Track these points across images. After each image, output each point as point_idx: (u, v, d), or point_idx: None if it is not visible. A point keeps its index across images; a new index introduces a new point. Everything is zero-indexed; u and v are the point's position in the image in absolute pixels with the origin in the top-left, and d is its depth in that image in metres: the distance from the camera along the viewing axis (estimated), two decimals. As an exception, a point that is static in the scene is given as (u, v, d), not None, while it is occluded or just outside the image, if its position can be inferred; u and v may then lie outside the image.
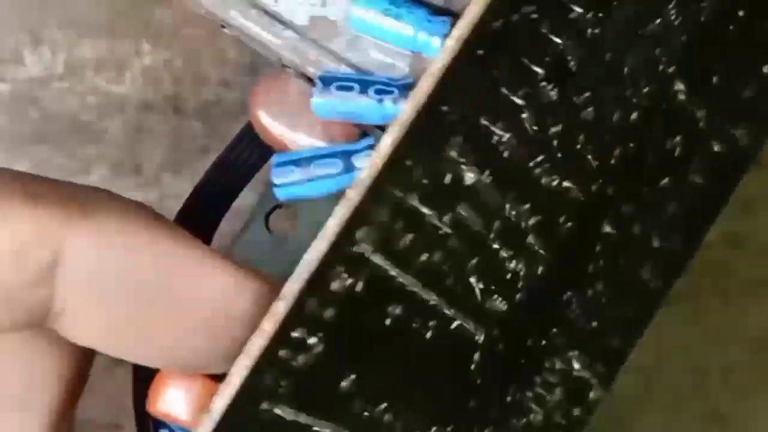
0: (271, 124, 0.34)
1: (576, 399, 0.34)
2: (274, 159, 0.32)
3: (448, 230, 0.30)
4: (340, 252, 0.28)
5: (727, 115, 0.34)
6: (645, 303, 0.34)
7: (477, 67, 0.29)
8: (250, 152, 0.38)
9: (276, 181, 0.32)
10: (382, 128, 0.32)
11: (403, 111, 0.29)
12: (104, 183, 0.56)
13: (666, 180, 0.33)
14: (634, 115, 0.32)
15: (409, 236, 0.29)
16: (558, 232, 0.32)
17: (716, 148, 0.34)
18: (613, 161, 0.32)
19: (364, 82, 0.31)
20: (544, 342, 0.32)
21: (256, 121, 0.34)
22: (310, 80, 0.34)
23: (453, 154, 0.30)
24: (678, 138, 0.33)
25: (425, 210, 0.30)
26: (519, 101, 0.30)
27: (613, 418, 0.51)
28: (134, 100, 0.57)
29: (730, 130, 0.34)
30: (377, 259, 0.29)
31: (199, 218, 0.38)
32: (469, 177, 0.30)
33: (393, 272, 0.29)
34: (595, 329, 0.33)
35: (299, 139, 0.33)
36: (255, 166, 0.38)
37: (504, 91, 0.30)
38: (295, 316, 0.28)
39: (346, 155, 0.31)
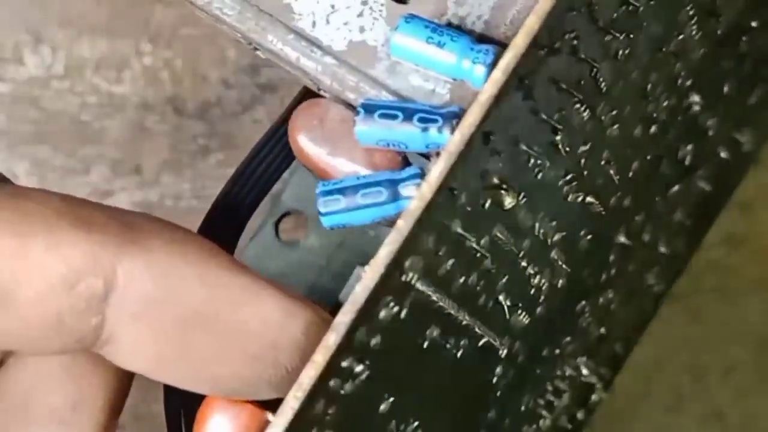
0: (311, 149, 0.33)
1: (581, 402, 0.35)
2: (319, 187, 0.32)
3: (485, 253, 0.31)
4: (389, 282, 0.29)
5: (734, 122, 0.34)
6: (647, 306, 0.35)
7: (520, 93, 0.30)
8: (269, 163, 0.38)
9: (322, 209, 0.31)
10: (424, 155, 0.32)
11: (451, 140, 0.29)
12: (104, 183, 0.56)
13: (676, 188, 0.34)
14: (653, 129, 0.33)
15: (450, 261, 0.30)
16: (579, 245, 0.32)
17: (723, 155, 0.35)
18: (630, 174, 0.33)
19: (407, 110, 0.31)
20: (557, 351, 0.33)
21: (296, 145, 0.33)
22: (349, 106, 0.33)
23: (495, 180, 0.31)
24: (689, 147, 0.34)
25: (466, 235, 0.30)
26: (555, 124, 0.31)
27: (613, 417, 0.51)
28: (134, 100, 0.57)
29: (735, 136, 0.35)
30: (421, 286, 0.30)
31: (221, 229, 0.38)
32: (509, 201, 0.31)
33: (434, 297, 0.30)
34: (602, 335, 0.33)
35: (339, 164, 0.33)
36: (275, 177, 0.38)
37: (542, 115, 0.31)
38: (345, 346, 0.28)
39: (392, 184, 0.31)
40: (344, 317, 0.28)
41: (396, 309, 0.29)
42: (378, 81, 0.33)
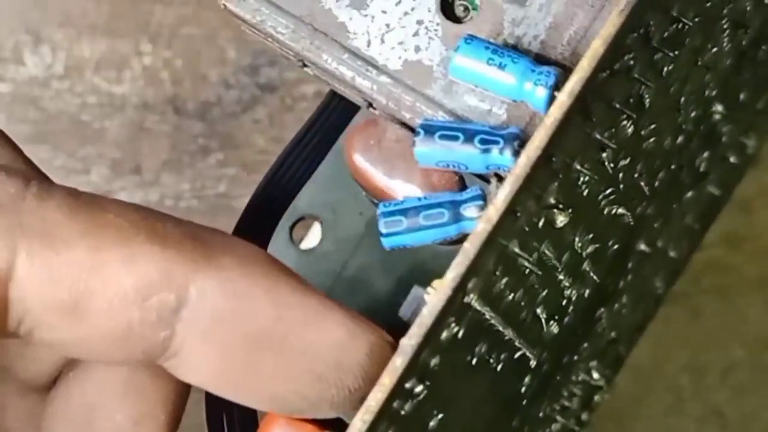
0: (369, 169, 0.33)
1: (587, 404, 0.35)
2: (380, 208, 0.32)
3: (534, 269, 0.31)
4: (453, 304, 0.29)
5: (744, 127, 0.35)
6: (650, 308, 0.35)
7: (581, 116, 0.30)
8: (297, 168, 0.38)
9: (383, 230, 0.31)
10: (482, 176, 0.32)
11: (517, 164, 0.29)
12: (104, 183, 0.56)
13: (689, 194, 0.34)
14: (680, 139, 0.33)
15: (504, 280, 0.31)
16: (607, 255, 0.33)
17: (732, 160, 0.35)
18: (656, 184, 0.33)
19: (467, 131, 0.31)
20: (576, 357, 0.33)
21: (352, 165, 0.33)
22: (404, 125, 0.33)
23: (551, 200, 0.31)
24: (706, 154, 0.34)
25: (521, 254, 0.31)
26: (606, 141, 0.32)
27: (613, 417, 0.51)
28: (134, 100, 0.57)
29: (743, 140, 0.35)
30: (478, 305, 0.30)
31: (252, 234, 0.38)
32: (560, 220, 0.31)
33: (487, 315, 0.31)
34: (612, 339, 0.34)
35: (397, 185, 0.33)
36: (302, 182, 0.38)
37: (596, 134, 0.31)
38: (411, 368, 0.29)
39: (454, 205, 0.31)
40: (411, 340, 0.29)
41: (455, 329, 0.30)
42: (434, 101, 0.33)
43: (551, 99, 0.31)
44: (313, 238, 0.39)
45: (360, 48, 0.33)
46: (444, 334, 0.29)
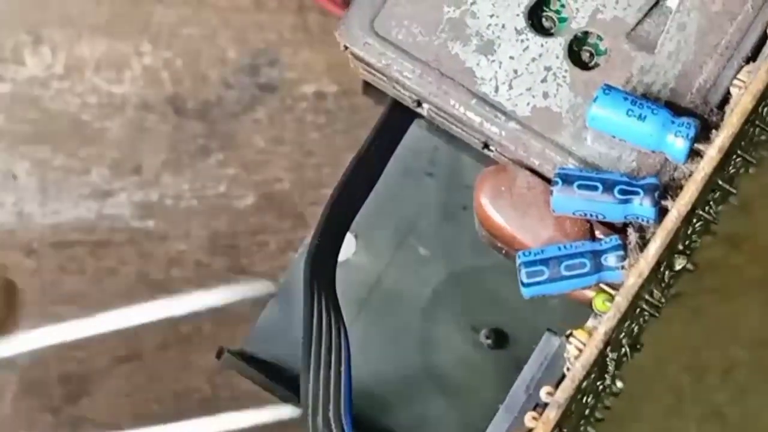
0: (499, 216, 0.33)
1: (604, 408, 0.36)
2: (520, 257, 0.32)
3: (651, 310, 0.32)
4: (599, 357, 0.31)
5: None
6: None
7: (718, 167, 0.31)
8: (359, 186, 0.38)
9: (525, 280, 0.32)
10: (611, 225, 0.33)
11: (668, 218, 0.30)
12: (104, 183, 0.56)
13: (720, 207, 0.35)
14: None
15: (628, 324, 0.32)
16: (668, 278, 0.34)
17: (750, 171, 0.36)
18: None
19: (606, 181, 0.31)
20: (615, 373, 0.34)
21: (482, 211, 0.33)
22: (533, 171, 0.33)
23: (681, 246, 0.32)
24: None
25: (648, 299, 0.32)
26: (727, 187, 0.33)
27: (614, 417, 0.51)
28: (134, 100, 0.57)
29: (762, 152, 0.36)
30: (611, 353, 0.32)
31: (324, 259, 0.38)
32: (679, 263, 0.32)
33: (609, 356, 0.32)
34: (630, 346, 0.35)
35: (528, 232, 0.33)
36: (363, 201, 0.38)
37: (719, 181, 0.32)
38: (561, 420, 0.30)
39: (595, 255, 0.31)
40: (564, 393, 0.30)
41: (592, 378, 0.31)
42: (564, 147, 0.33)
43: (690, 150, 0.31)
44: (347, 250, 0.39)
45: (488, 93, 0.33)
46: (584, 384, 0.31)
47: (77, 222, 0.56)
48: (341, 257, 0.39)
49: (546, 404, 0.31)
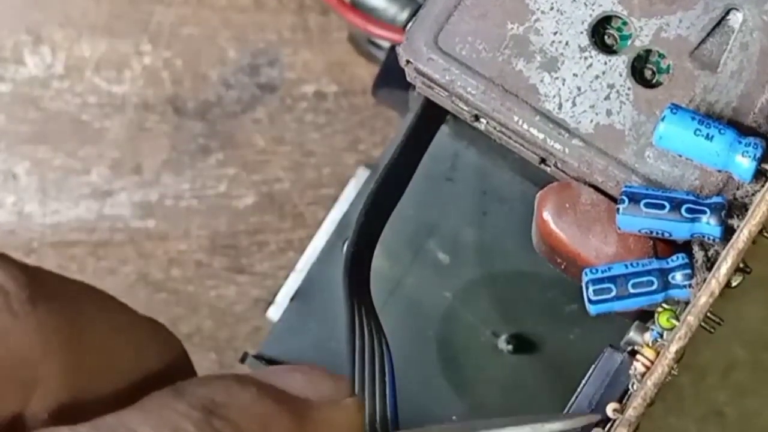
0: (563, 232, 0.33)
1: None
2: (587, 275, 0.32)
3: (710, 327, 0.33)
4: (669, 375, 0.31)
5: None
6: None
7: None
8: (391, 191, 0.38)
9: (592, 297, 0.32)
10: (671, 242, 0.33)
11: (739, 238, 0.31)
12: (104, 183, 0.56)
13: None
14: None
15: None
16: None
17: None
18: None
19: (673, 200, 0.31)
20: None
21: (545, 227, 0.34)
22: (596, 188, 0.34)
23: (741, 264, 0.32)
24: None
25: (710, 317, 0.33)
26: None
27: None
28: (134, 100, 0.57)
29: None
30: (675, 371, 0.32)
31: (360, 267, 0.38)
32: (736, 280, 0.33)
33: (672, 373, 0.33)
34: None
35: (592, 249, 0.33)
36: (392, 208, 0.38)
37: None
38: None
39: (662, 273, 0.32)
40: (634, 411, 0.30)
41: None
42: (627, 165, 0.33)
43: (757, 170, 0.32)
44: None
45: (551, 110, 0.33)
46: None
47: (77, 222, 0.56)
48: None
49: (608, 419, 0.31)
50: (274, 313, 0.44)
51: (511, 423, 0.31)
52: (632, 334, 0.33)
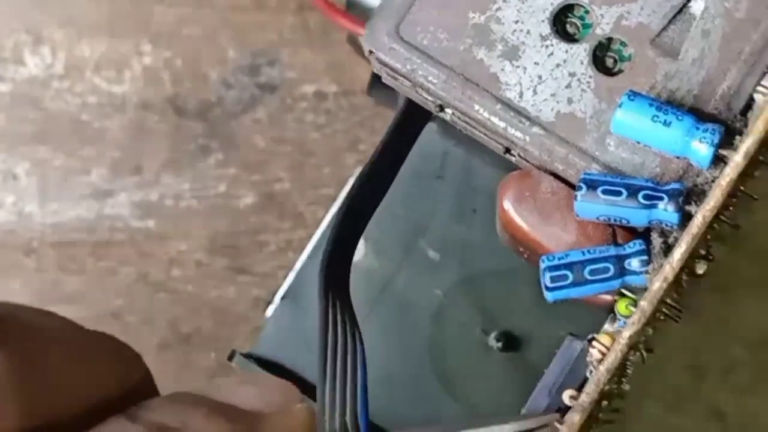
0: (523, 220, 0.34)
1: (611, 411, 0.37)
2: (544, 261, 0.32)
3: (672, 314, 0.33)
4: (623, 361, 0.31)
5: None
6: None
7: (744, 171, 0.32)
8: (373, 191, 0.38)
9: (549, 284, 0.32)
10: (631, 229, 0.33)
11: (694, 223, 0.31)
12: (104, 183, 0.56)
13: None
14: None
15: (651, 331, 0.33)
16: None
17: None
18: None
19: (631, 186, 0.31)
20: None
21: (506, 216, 0.34)
22: (557, 177, 0.34)
23: (702, 251, 0.32)
24: None
25: (669, 303, 0.32)
26: (753, 196, 0.33)
27: (617, 418, 0.51)
28: (134, 100, 0.57)
29: None
30: (632, 357, 0.32)
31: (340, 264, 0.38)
32: (701, 268, 0.33)
33: (630, 359, 0.33)
34: None
35: (550, 236, 0.33)
36: (375, 207, 0.38)
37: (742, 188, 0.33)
38: (585, 424, 0.31)
39: (619, 260, 0.32)
40: (587, 397, 0.31)
41: (615, 383, 0.32)
42: (587, 153, 0.33)
43: (715, 156, 0.31)
44: (356, 253, 0.39)
45: (512, 99, 0.33)
46: (606, 387, 0.31)
47: (77, 222, 0.56)
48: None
49: (568, 408, 0.31)
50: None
51: (472, 425, 0.32)
52: (606, 325, 0.33)
